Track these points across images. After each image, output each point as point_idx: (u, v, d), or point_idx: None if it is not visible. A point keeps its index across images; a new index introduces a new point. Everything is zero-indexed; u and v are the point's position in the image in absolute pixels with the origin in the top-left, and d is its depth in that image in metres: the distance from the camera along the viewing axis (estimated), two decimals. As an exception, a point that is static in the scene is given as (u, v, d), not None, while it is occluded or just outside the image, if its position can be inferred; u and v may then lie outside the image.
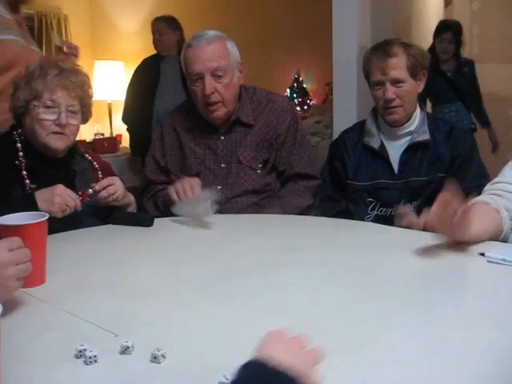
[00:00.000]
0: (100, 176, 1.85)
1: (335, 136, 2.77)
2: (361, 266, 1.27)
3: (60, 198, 1.56)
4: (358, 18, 2.93)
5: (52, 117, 1.68)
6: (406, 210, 1.31)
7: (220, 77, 1.97)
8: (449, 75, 3.89)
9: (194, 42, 1.99)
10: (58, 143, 1.71)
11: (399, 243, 1.34)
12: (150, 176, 2.16)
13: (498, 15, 6.26)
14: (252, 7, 6.31)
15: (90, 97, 1.80)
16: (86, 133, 7.00)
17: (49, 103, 1.67)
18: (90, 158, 1.89)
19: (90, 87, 1.80)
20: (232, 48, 2.03)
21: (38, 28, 6.85)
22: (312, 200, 2.11)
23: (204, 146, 2.08)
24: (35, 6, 6.71)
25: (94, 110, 1.82)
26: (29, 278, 1.17)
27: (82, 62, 6.21)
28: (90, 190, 1.67)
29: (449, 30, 3.82)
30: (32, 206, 1.52)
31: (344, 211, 2.11)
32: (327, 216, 2.05)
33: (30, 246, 1.16)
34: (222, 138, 2.08)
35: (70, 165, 1.81)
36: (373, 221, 2.04)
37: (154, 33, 4.13)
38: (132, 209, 1.81)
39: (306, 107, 5.84)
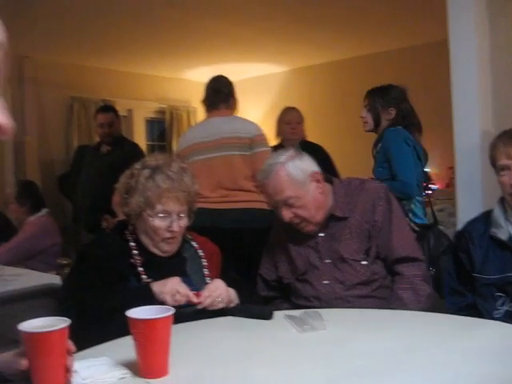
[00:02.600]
0: (205, 264, 1.92)
1: (459, 224, 2.68)
2: (490, 374, 1.17)
3: (172, 283, 1.67)
4: (478, 102, 2.88)
5: (164, 224, 1.79)
6: None
7: (292, 204, 2.01)
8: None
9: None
10: (170, 247, 1.84)
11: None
12: (262, 293, 2.24)
13: None
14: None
15: (196, 194, 1.89)
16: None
17: (161, 215, 1.79)
18: (196, 245, 1.96)
19: (196, 184, 1.89)
20: (294, 169, 2.02)
21: (169, 121, 7.38)
22: (429, 288, 2.02)
23: (306, 245, 2.11)
24: (168, 100, 7.27)
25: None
26: (152, 370, 1.23)
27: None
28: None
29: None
30: (148, 294, 1.63)
31: (470, 306, 2.01)
32: (452, 310, 1.97)
33: (156, 339, 1.22)
34: (320, 234, 2.10)
35: (181, 252, 1.91)
36: (502, 317, 1.92)
37: (289, 122, 4.29)
38: (233, 305, 1.82)
39: (429, 192, 5.71)
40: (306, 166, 2.05)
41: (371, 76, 6.39)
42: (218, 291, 1.75)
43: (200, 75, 7.33)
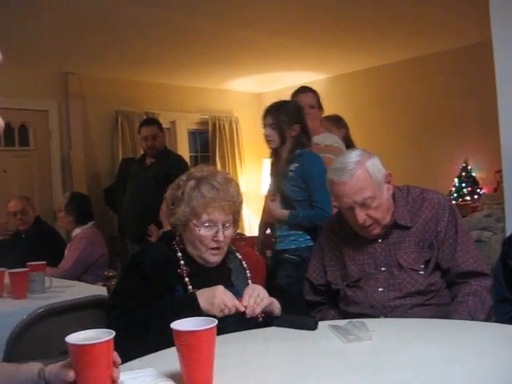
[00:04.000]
0: (248, 275, 1.92)
1: (508, 230, 2.61)
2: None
3: (218, 299, 1.66)
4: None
5: (210, 233, 1.81)
6: None
7: (369, 204, 1.96)
8: None
9: (335, 178, 1.99)
10: (216, 258, 1.85)
11: None
12: (307, 297, 2.22)
13: None
14: (416, 96, 6.33)
15: (241, 204, 1.91)
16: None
17: (207, 224, 1.81)
18: (239, 256, 1.97)
19: (241, 194, 1.90)
20: (373, 168, 1.98)
21: (212, 131, 7.44)
22: (492, 301, 1.96)
23: (362, 252, 2.07)
24: (210, 111, 7.34)
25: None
26: (196, 382, 1.23)
27: (252, 161, 6.64)
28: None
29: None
30: (194, 305, 1.64)
31: (522, 314, 1.95)
32: (502, 319, 1.91)
33: (199, 351, 1.22)
34: (380, 241, 2.06)
35: (226, 263, 1.92)
36: (555, 325, 1.85)
37: None
38: (277, 313, 1.81)
39: (476, 196, 5.59)
40: (381, 165, 2.02)
41: (413, 80, 6.34)
42: (256, 290, 1.74)
43: (241, 85, 7.40)
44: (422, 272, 1.99)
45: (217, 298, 1.67)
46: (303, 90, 3.57)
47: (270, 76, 6.85)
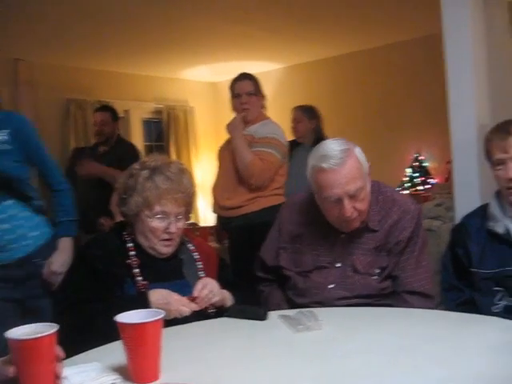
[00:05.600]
0: (199, 267, 1.89)
1: (457, 219, 2.66)
2: (489, 370, 1.15)
3: (175, 308, 1.64)
4: (474, 95, 2.86)
5: (162, 225, 1.78)
6: None
7: (357, 196, 1.84)
8: None
9: (325, 166, 1.81)
10: (168, 249, 1.82)
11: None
12: (257, 273, 2.19)
13: None
14: (370, 87, 6.40)
15: (194, 195, 1.88)
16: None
17: (160, 215, 1.78)
18: (191, 247, 1.94)
19: (194, 185, 1.88)
20: (361, 156, 1.88)
21: (166, 121, 7.36)
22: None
23: (321, 242, 1.99)
24: (165, 100, 7.25)
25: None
26: (143, 375, 1.21)
27: (207, 152, 6.59)
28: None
29: None
30: (145, 305, 1.59)
31: (469, 301, 1.98)
32: (450, 306, 1.94)
33: (145, 343, 1.20)
34: (343, 235, 1.97)
35: (177, 254, 1.89)
36: (501, 312, 1.89)
37: (292, 120, 4.29)
38: (228, 305, 1.80)
39: (428, 186, 5.71)
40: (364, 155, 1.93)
41: (367, 71, 6.40)
42: (209, 285, 1.73)
43: (196, 74, 7.33)
44: (375, 277, 1.93)
45: (172, 305, 1.64)
46: (240, 77, 3.44)
47: (225, 65, 6.80)
